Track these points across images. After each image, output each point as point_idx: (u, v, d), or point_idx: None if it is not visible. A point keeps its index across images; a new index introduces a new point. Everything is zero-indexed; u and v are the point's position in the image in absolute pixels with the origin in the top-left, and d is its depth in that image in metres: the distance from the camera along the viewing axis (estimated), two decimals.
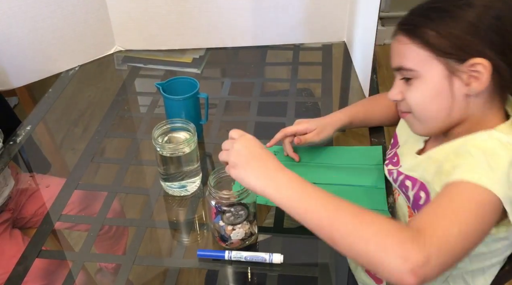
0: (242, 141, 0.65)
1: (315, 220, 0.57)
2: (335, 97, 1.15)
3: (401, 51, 0.69)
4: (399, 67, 0.69)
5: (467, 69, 0.63)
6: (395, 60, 0.70)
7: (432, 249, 0.51)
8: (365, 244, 0.53)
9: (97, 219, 0.85)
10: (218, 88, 1.22)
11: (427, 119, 0.70)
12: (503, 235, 0.67)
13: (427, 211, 0.57)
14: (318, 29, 1.27)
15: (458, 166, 0.62)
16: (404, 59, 0.68)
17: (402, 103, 0.72)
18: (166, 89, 0.92)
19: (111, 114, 1.10)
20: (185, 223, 0.85)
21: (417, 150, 0.78)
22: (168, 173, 0.83)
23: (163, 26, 1.24)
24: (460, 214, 0.55)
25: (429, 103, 0.68)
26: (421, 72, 0.67)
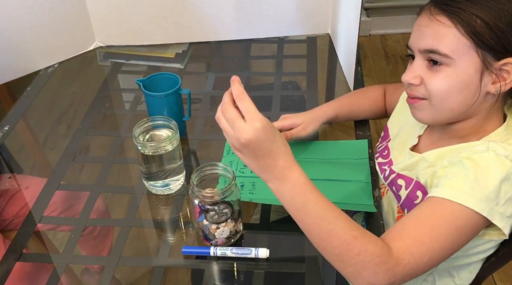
0: (251, 132, 0.55)
1: (308, 232, 0.60)
2: (320, 90, 1.14)
3: (438, 33, 0.64)
4: (431, 50, 0.64)
5: (499, 66, 0.62)
6: (427, 41, 0.65)
7: (400, 277, 0.57)
8: (345, 267, 0.58)
9: (80, 220, 0.83)
10: (202, 83, 1.20)
11: (445, 109, 0.67)
12: (492, 237, 0.67)
13: (408, 233, 0.59)
14: (302, 21, 1.26)
15: (448, 177, 0.62)
16: (440, 43, 0.63)
17: (418, 89, 0.68)
18: (147, 85, 0.90)
19: (92, 111, 1.08)
20: (170, 221, 0.83)
21: (411, 146, 0.77)
22: (150, 172, 0.81)
23: (144, 21, 1.22)
24: (438, 238, 0.58)
25: (454, 94, 0.65)
26: (456, 61, 0.63)
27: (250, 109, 0.56)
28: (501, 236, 0.64)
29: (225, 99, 0.58)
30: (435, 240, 0.58)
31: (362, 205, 0.77)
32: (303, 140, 0.93)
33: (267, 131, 0.56)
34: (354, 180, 0.82)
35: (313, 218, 0.58)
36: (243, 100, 0.56)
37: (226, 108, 0.57)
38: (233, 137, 0.57)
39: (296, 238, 0.79)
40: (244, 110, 0.56)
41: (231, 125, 0.56)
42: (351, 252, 0.56)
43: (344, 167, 0.86)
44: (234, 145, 0.58)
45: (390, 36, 2.49)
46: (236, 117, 0.56)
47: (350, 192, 0.79)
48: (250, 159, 0.58)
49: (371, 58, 2.37)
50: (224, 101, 0.58)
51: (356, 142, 0.92)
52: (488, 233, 0.65)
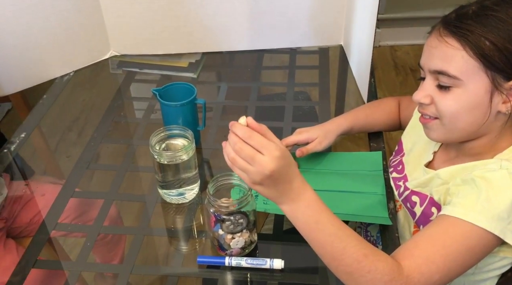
0: (274, 162, 0.57)
1: (321, 250, 0.60)
2: (332, 101, 1.14)
3: (447, 55, 0.64)
4: (441, 71, 0.65)
5: (509, 87, 0.62)
6: (437, 62, 0.65)
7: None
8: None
9: (94, 227, 0.84)
10: (215, 93, 1.21)
11: (456, 129, 0.67)
12: (506, 255, 0.66)
13: (419, 252, 0.59)
14: (315, 32, 1.27)
15: (461, 195, 0.63)
16: (449, 65, 0.64)
17: (429, 108, 0.68)
18: (163, 95, 0.91)
19: (106, 120, 1.09)
20: (184, 230, 0.84)
21: (426, 163, 0.77)
22: (166, 180, 0.82)
23: (158, 31, 1.23)
24: (449, 257, 0.59)
25: (465, 114, 0.65)
26: (465, 82, 0.63)
27: (263, 141, 0.57)
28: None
29: (234, 140, 0.58)
30: (446, 259, 0.58)
31: (377, 217, 0.77)
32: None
33: (285, 157, 0.58)
34: (369, 192, 0.82)
35: (326, 236, 0.59)
36: (253, 136, 0.58)
37: (240, 147, 0.57)
38: (254, 172, 0.57)
39: (309, 249, 0.79)
40: (258, 145, 0.57)
41: (250, 162, 0.57)
42: (362, 270, 0.57)
43: (358, 179, 0.85)
44: (255, 180, 0.58)
45: (400, 47, 2.50)
46: (255, 153, 0.57)
47: (364, 204, 0.79)
48: (270, 188, 0.59)
49: (381, 69, 2.38)
50: (234, 142, 0.58)
51: (370, 154, 0.91)
52: (503, 250, 0.65)
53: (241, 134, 0.58)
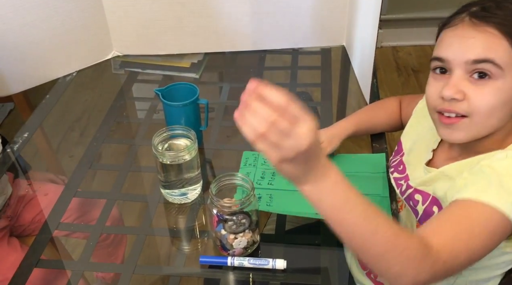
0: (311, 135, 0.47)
1: (349, 233, 0.54)
2: (334, 101, 1.14)
3: (491, 44, 0.62)
4: (485, 59, 0.62)
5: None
6: (477, 51, 0.62)
7: (440, 274, 0.55)
8: (389, 266, 0.54)
9: (96, 227, 0.84)
10: (217, 93, 1.21)
11: (487, 127, 0.65)
12: (511, 249, 0.66)
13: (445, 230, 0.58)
14: (317, 33, 1.27)
15: (471, 183, 0.62)
16: (495, 53, 0.61)
17: (460, 104, 0.64)
18: (165, 95, 0.91)
19: (109, 119, 1.09)
20: (186, 230, 0.84)
21: (426, 161, 0.77)
22: (168, 180, 0.82)
23: (161, 31, 1.23)
24: (472, 237, 0.57)
25: (499, 110, 0.63)
26: (506, 74, 0.62)
27: (299, 110, 0.47)
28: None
29: (266, 111, 0.47)
30: (471, 238, 0.57)
31: None
32: None
33: (316, 129, 0.49)
34: (371, 194, 0.82)
35: (355, 217, 0.52)
36: (291, 105, 0.47)
37: (277, 119, 0.46)
38: (289, 148, 0.47)
39: (311, 250, 0.79)
40: (295, 115, 0.47)
41: (286, 136, 0.47)
42: (396, 249, 0.52)
43: (361, 180, 0.85)
44: (288, 157, 0.48)
45: (402, 48, 2.50)
46: (293, 125, 0.47)
47: None
48: (300, 165, 0.50)
49: (383, 70, 2.38)
50: (269, 113, 0.46)
51: (374, 155, 0.91)
52: (505, 245, 0.64)
53: (278, 102, 0.46)
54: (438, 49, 0.69)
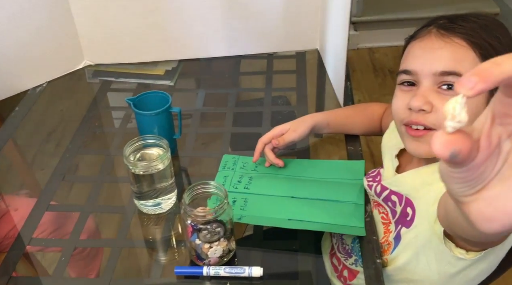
0: None
1: None
2: (310, 105, 1.14)
3: (458, 55, 0.62)
4: (452, 72, 0.62)
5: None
6: (445, 63, 0.62)
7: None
8: None
9: (70, 241, 0.82)
10: (193, 100, 1.20)
11: None
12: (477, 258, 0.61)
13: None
14: (291, 37, 1.27)
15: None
16: (461, 65, 0.61)
17: (428, 116, 0.64)
18: (137, 104, 0.90)
19: (82, 130, 1.08)
20: (162, 241, 0.83)
21: (395, 168, 0.77)
22: (141, 191, 0.81)
23: (133, 39, 1.22)
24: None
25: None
26: None
27: None
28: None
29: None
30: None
31: (352, 227, 0.76)
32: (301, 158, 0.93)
33: None
34: (347, 201, 0.81)
35: None
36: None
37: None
38: None
39: (289, 255, 0.79)
40: None
41: None
42: None
43: (338, 187, 0.84)
44: None
45: (378, 49, 2.52)
46: None
47: (341, 213, 0.78)
48: None
49: (360, 72, 2.40)
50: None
51: (353, 162, 0.90)
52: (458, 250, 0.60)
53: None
54: (405, 62, 0.69)
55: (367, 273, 0.70)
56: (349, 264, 0.81)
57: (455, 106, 0.31)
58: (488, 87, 0.29)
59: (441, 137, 0.31)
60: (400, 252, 0.71)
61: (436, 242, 0.63)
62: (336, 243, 0.86)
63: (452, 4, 2.43)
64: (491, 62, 0.29)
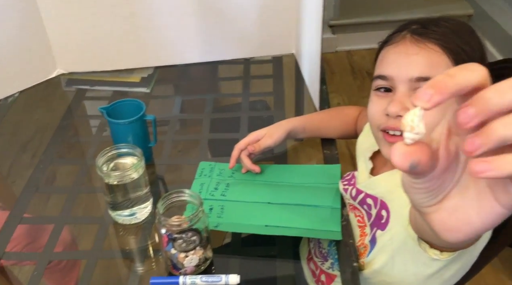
0: None
1: None
2: (288, 109, 1.15)
3: (433, 61, 0.62)
4: (427, 78, 0.62)
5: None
6: (420, 68, 0.63)
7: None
8: None
9: (44, 254, 0.80)
10: (170, 106, 1.20)
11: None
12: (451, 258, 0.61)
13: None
14: (267, 42, 1.27)
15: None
16: (436, 70, 0.62)
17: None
18: (111, 112, 0.89)
19: (56, 140, 1.06)
20: (139, 251, 0.81)
21: (370, 170, 0.78)
22: (116, 201, 0.79)
23: (106, 47, 1.20)
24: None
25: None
26: None
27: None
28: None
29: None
30: None
31: (329, 231, 0.76)
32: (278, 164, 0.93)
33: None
34: (323, 206, 0.81)
35: None
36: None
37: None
38: None
39: (267, 261, 0.79)
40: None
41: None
42: None
43: (314, 192, 0.84)
44: None
45: (356, 52, 2.55)
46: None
47: (318, 218, 0.78)
48: None
49: (339, 74, 2.41)
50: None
51: (329, 166, 0.90)
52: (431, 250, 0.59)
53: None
54: (380, 67, 0.69)
55: (344, 277, 0.70)
56: (325, 268, 0.81)
57: (413, 118, 0.31)
58: (444, 98, 0.29)
59: (400, 148, 0.31)
60: (376, 255, 0.71)
61: (411, 243, 0.63)
62: (313, 248, 0.86)
63: (427, 6, 2.47)
64: (445, 74, 0.30)
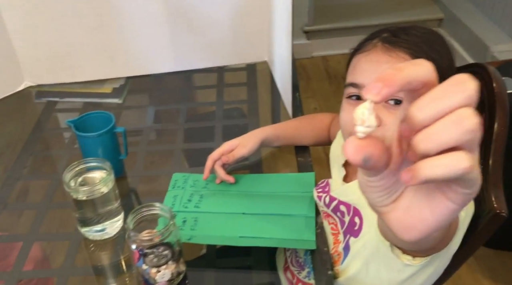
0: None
1: None
2: (262, 117, 1.14)
3: None
4: None
5: None
6: None
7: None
8: None
9: (12, 273, 0.78)
10: (143, 117, 1.18)
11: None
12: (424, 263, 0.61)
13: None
14: (240, 50, 1.27)
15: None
16: None
17: (377, 131, 0.63)
18: (80, 125, 0.87)
19: (24, 154, 1.03)
20: (111, 266, 0.79)
21: (343, 177, 0.78)
22: (85, 217, 0.77)
23: (76, 58, 1.18)
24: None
25: None
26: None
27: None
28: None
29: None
30: None
31: (303, 241, 0.75)
32: (252, 173, 0.92)
33: None
34: (298, 215, 0.80)
35: None
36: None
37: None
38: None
39: (243, 273, 0.78)
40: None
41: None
42: None
43: (289, 201, 0.83)
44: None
45: (331, 57, 2.57)
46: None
47: (292, 227, 0.77)
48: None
49: (315, 80, 2.43)
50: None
51: (303, 175, 0.90)
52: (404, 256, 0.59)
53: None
54: (352, 75, 0.70)
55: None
56: (302, 277, 0.80)
57: (364, 112, 0.32)
58: (393, 91, 0.30)
59: (353, 142, 0.31)
60: (350, 262, 0.71)
61: (384, 250, 0.63)
62: (289, 257, 0.85)
63: (399, 11, 2.51)
64: (394, 69, 0.31)
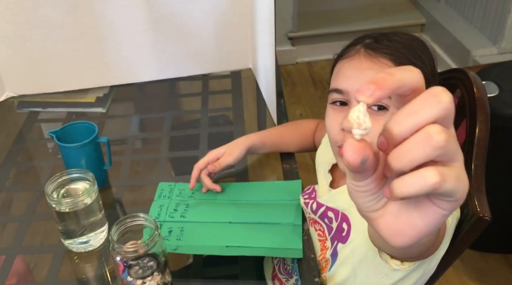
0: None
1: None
2: (248, 124, 1.14)
3: None
4: None
5: None
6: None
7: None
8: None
9: None
10: (127, 126, 1.17)
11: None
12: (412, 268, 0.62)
13: None
14: (225, 57, 1.26)
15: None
16: None
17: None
18: (62, 136, 0.85)
19: (6, 166, 1.01)
20: (96, 279, 0.78)
21: (329, 183, 0.78)
22: (68, 229, 0.76)
23: (58, 67, 1.17)
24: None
25: None
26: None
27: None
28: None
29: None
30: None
31: (290, 249, 0.75)
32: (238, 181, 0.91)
33: None
34: (285, 223, 0.79)
35: None
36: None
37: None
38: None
39: (230, 282, 0.77)
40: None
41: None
42: None
43: (276, 209, 0.83)
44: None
45: (316, 63, 2.58)
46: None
47: (279, 236, 0.77)
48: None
49: (300, 86, 2.44)
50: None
51: (290, 182, 0.89)
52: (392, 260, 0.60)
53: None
54: (336, 80, 0.70)
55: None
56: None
57: (359, 115, 0.32)
58: (384, 94, 0.32)
59: (352, 144, 0.32)
60: (338, 269, 0.71)
61: (372, 255, 0.63)
62: (277, 265, 0.85)
63: (381, 17, 2.54)
64: (386, 73, 0.32)
